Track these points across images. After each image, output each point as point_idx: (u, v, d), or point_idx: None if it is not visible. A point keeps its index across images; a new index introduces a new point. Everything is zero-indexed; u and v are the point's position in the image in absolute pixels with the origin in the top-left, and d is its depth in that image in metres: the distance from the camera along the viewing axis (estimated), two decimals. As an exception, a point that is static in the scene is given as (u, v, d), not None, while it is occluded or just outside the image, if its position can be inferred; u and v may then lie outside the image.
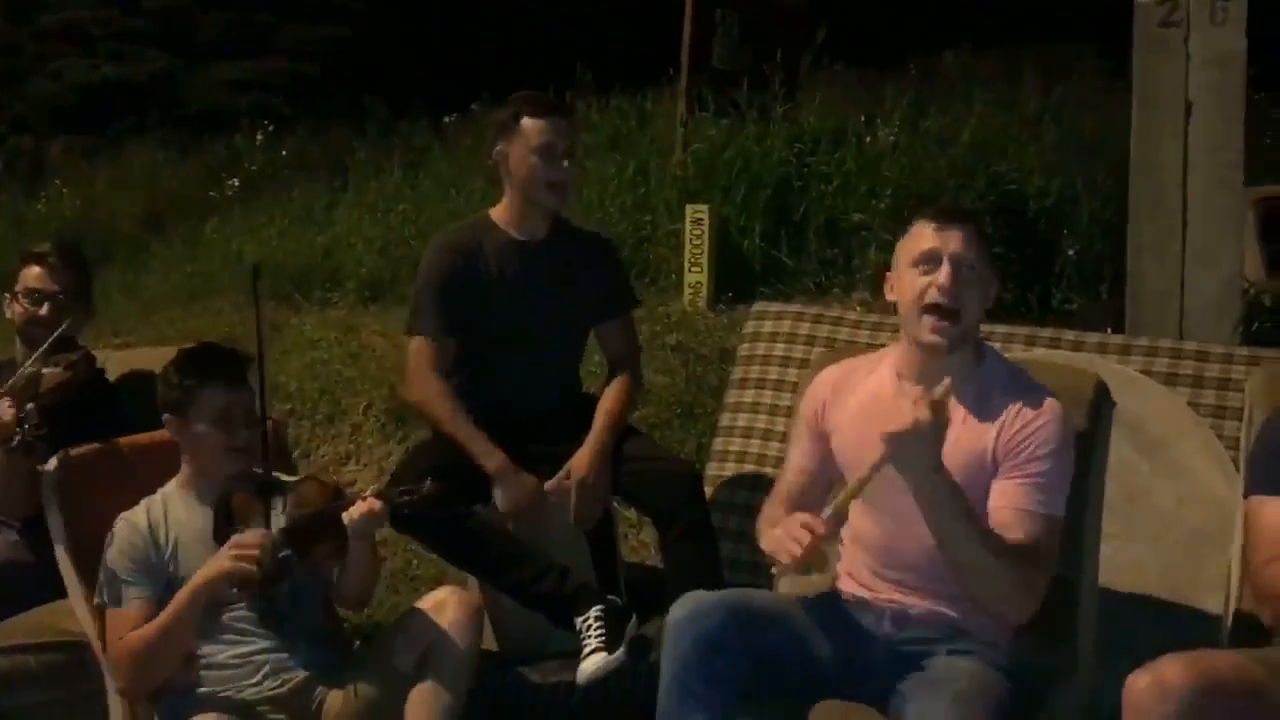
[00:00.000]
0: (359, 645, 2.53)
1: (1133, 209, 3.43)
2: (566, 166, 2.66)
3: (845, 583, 2.10)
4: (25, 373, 2.50)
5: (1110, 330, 3.38)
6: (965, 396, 1.98)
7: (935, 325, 1.96)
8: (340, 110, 8.19)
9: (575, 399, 2.84)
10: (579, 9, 8.22)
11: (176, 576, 2.24)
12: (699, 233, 4.93)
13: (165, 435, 2.38)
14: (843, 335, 3.21)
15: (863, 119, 5.42)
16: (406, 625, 2.28)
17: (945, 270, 1.95)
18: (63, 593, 2.45)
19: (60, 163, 9.71)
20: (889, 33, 7.34)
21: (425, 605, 2.28)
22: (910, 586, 2.00)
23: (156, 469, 2.39)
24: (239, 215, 7.44)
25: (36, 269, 2.81)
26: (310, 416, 4.59)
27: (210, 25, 10.22)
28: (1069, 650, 2.11)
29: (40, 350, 2.61)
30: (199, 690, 2.23)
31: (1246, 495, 1.93)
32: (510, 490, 2.59)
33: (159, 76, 10.21)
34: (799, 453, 2.16)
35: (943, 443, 1.83)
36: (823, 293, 4.84)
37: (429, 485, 2.20)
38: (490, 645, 2.64)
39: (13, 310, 2.84)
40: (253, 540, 2.16)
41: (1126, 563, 2.53)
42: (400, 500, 2.21)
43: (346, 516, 2.18)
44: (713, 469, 3.19)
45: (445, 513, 2.47)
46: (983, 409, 1.97)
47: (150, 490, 2.36)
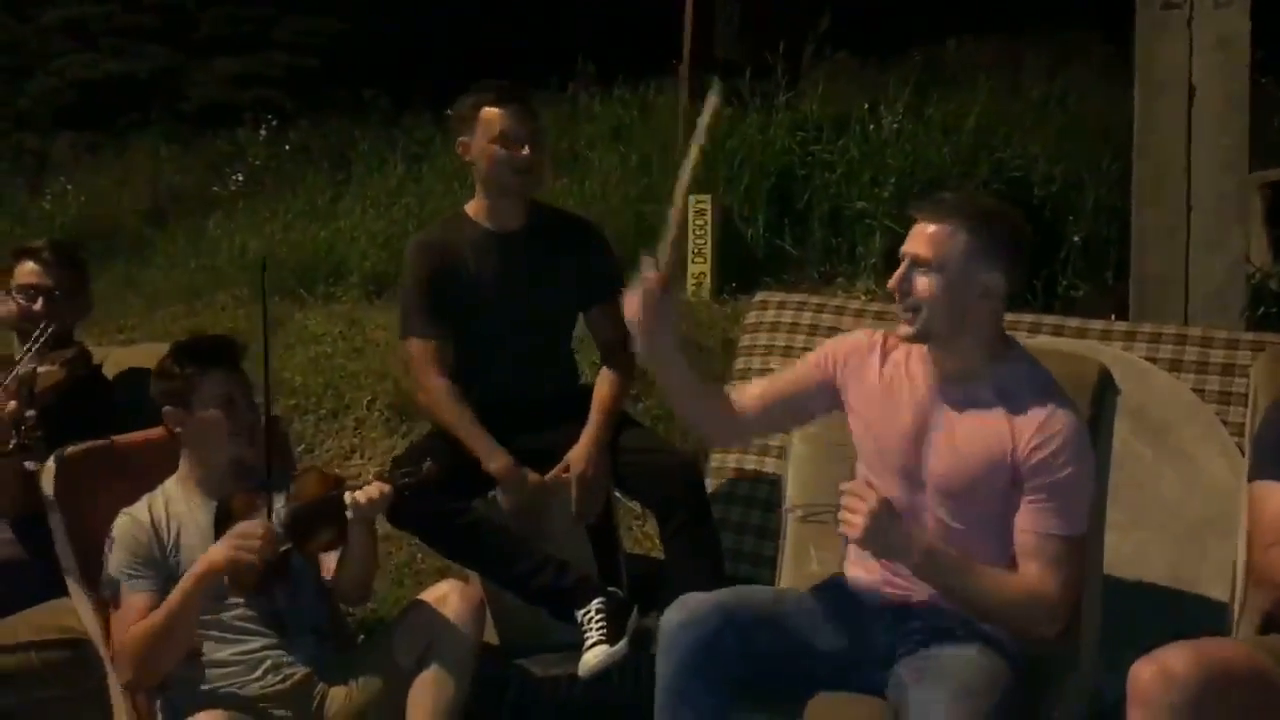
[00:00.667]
0: (362, 639, 2.52)
1: (1136, 194, 3.40)
2: (528, 152, 2.64)
3: (852, 569, 2.09)
4: (20, 372, 2.49)
5: (1114, 317, 3.36)
6: (977, 396, 1.96)
7: (900, 316, 1.98)
8: (342, 104, 8.18)
9: (570, 386, 2.83)
10: (579, 1, 8.21)
11: (179, 571, 2.23)
12: (702, 223, 4.91)
13: (163, 432, 2.38)
14: (845, 325, 3.18)
15: (866, 107, 5.39)
16: (408, 619, 2.28)
17: (900, 268, 1.96)
18: (60, 590, 2.45)
19: (64, 159, 9.72)
20: (892, 20, 7.30)
21: (427, 599, 2.28)
22: (912, 575, 1.98)
23: (155, 466, 2.39)
24: (242, 210, 7.43)
25: (30, 265, 2.80)
26: (314, 411, 4.58)
27: (211, 20, 10.22)
28: (1073, 640, 2.09)
29: (32, 347, 2.60)
30: (201, 688, 2.23)
31: (1250, 480, 1.92)
32: (514, 491, 2.59)
33: (160, 72, 10.21)
34: (800, 368, 2.13)
35: (896, 535, 1.87)
36: (826, 281, 4.82)
37: (429, 466, 2.21)
38: (492, 638, 2.64)
39: (7, 307, 2.83)
40: (253, 530, 2.16)
41: (1131, 551, 2.51)
42: (402, 482, 2.21)
43: (350, 499, 2.17)
44: (715, 460, 3.18)
45: (445, 499, 2.47)
46: (999, 411, 1.94)
47: (150, 487, 2.35)
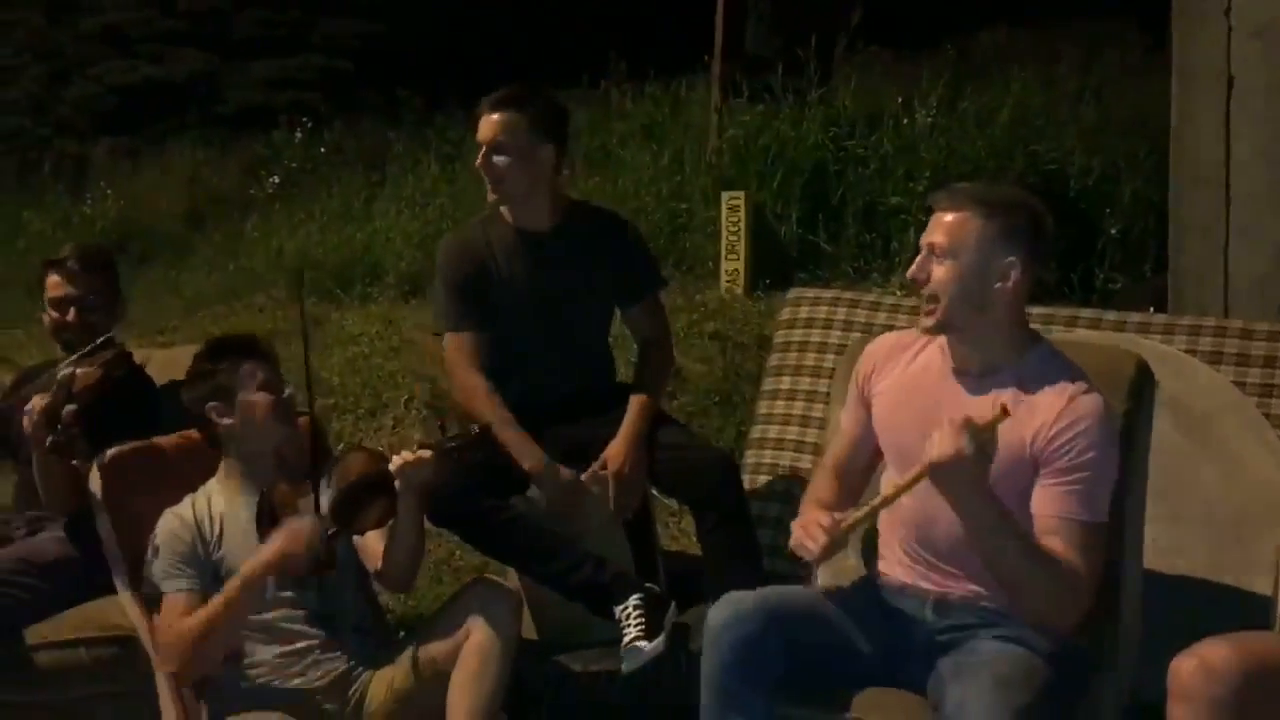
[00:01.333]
0: (401, 635, 2.55)
1: (1174, 185, 3.36)
2: (486, 159, 2.69)
3: (885, 565, 2.08)
4: (59, 375, 2.53)
5: (1153, 309, 3.33)
6: (1003, 384, 1.96)
7: (922, 308, 1.98)
8: (375, 105, 8.24)
9: (606, 383, 2.85)
10: (611, -1, 8.24)
11: (222, 568, 2.27)
12: (735, 220, 4.91)
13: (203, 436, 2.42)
14: (880, 320, 3.17)
15: (899, 101, 5.36)
16: (447, 614, 2.30)
17: (918, 260, 1.96)
18: (109, 588, 2.50)
19: (103, 164, 9.86)
20: (925, 13, 7.26)
21: (465, 595, 2.30)
22: (951, 571, 1.98)
23: (198, 465, 2.42)
24: (279, 212, 7.51)
25: (55, 277, 2.84)
26: (353, 410, 4.63)
27: (245, 24, 10.33)
28: (1113, 635, 2.08)
29: (75, 355, 2.62)
30: (243, 685, 2.27)
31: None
32: (551, 489, 2.61)
33: (197, 76, 10.33)
34: (847, 418, 2.16)
35: (988, 468, 1.81)
36: (861, 277, 4.80)
37: (474, 429, 2.22)
38: (530, 634, 2.66)
39: (44, 319, 2.88)
40: (298, 526, 2.19)
41: (1171, 545, 2.48)
42: (449, 446, 2.22)
43: (396, 467, 2.19)
44: (751, 456, 3.18)
45: (484, 497, 2.50)
46: (1022, 401, 1.92)
47: (193, 486, 2.39)
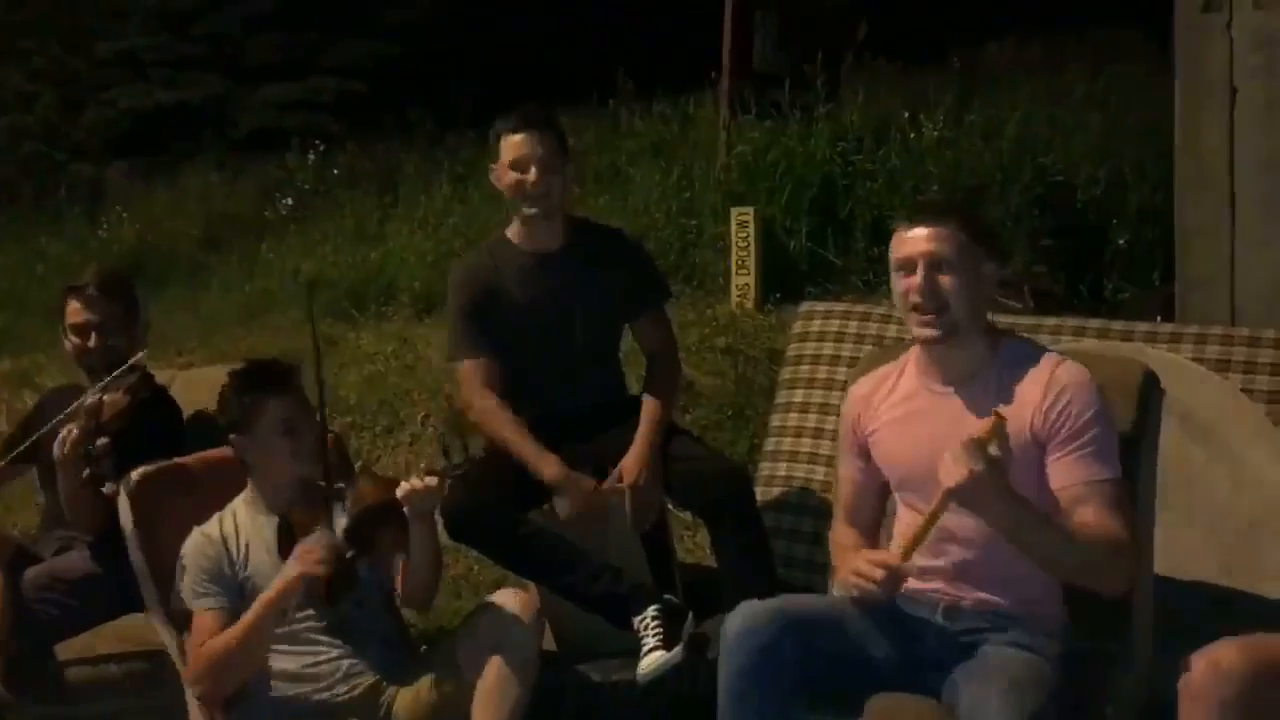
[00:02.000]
0: (424, 649, 2.59)
1: (1179, 195, 3.41)
2: (540, 176, 2.71)
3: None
4: (86, 403, 2.57)
5: (1160, 318, 3.37)
6: (987, 384, 2.02)
7: (921, 320, 2.03)
8: (388, 127, 8.30)
9: (618, 396, 2.88)
10: (619, 16, 8.27)
11: (249, 586, 2.32)
12: (745, 235, 4.95)
13: (228, 453, 2.47)
14: (891, 332, 3.21)
15: (906, 115, 5.41)
16: (471, 627, 2.34)
17: (919, 272, 2.02)
18: (137, 605, 2.55)
19: (119, 188, 9.94)
20: (931, 26, 7.30)
21: (487, 608, 2.34)
22: (961, 577, 2.02)
23: (224, 484, 2.48)
24: (294, 233, 7.58)
25: (75, 303, 2.87)
26: (370, 428, 4.68)
27: (258, 47, 10.41)
28: (1125, 639, 2.11)
29: (102, 382, 2.65)
30: (271, 696, 2.31)
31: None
32: (570, 497, 2.64)
33: (210, 99, 10.41)
34: (846, 467, 2.22)
35: (1005, 475, 1.85)
36: (871, 290, 4.83)
37: (477, 455, 2.25)
38: (550, 646, 2.69)
39: (66, 345, 2.91)
40: (316, 546, 2.23)
41: (1182, 551, 2.51)
42: (455, 473, 2.25)
43: (402, 493, 2.21)
44: (765, 469, 3.22)
45: (503, 512, 2.54)
46: (1007, 393, 1.99)
47: (219, 505, 2.44)
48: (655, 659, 2.45)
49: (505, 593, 2.38)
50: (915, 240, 2.04)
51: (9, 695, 2.51)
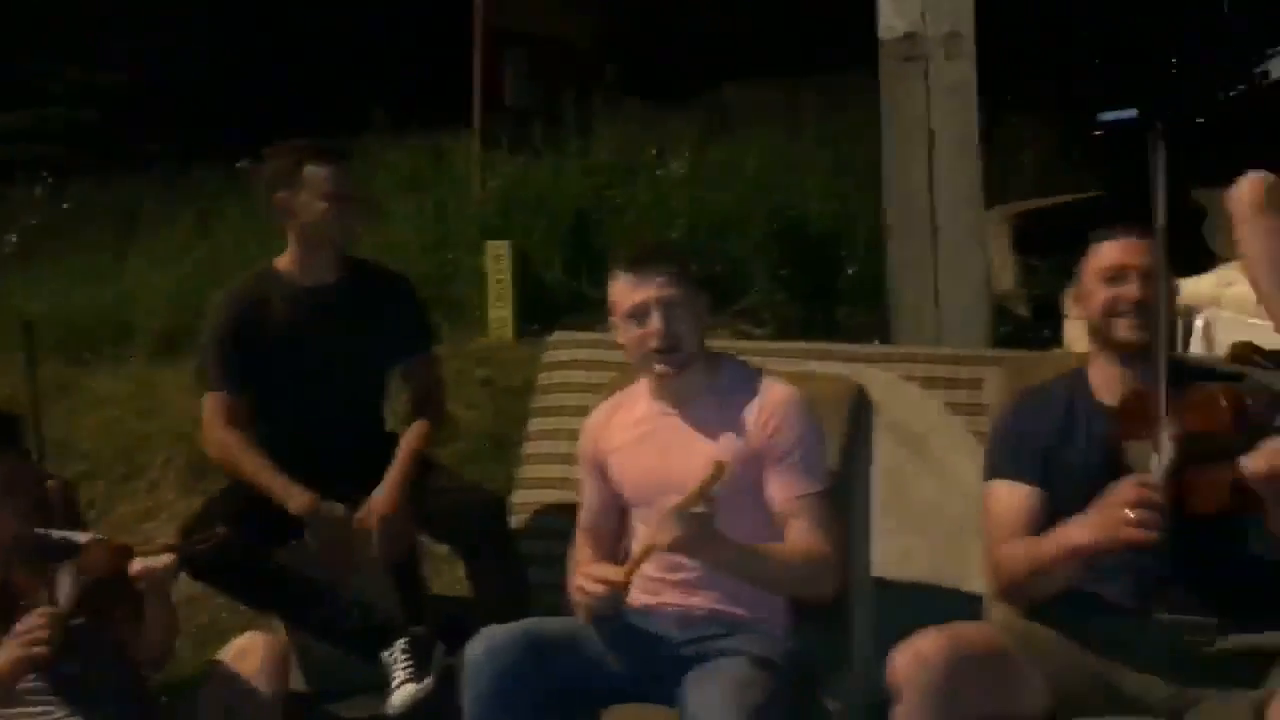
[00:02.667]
0: (164, 700, 2.48)
1: (890, 230, 3.73)
2: (349, 208, 2.76)
3: (632, 594, 2.19)
4: None
5: (879, 341, 3.66)
6: (709, 405, 2.19)
7: (662, 360, 2.16)
8: (125, 158, 7.89)
9: (379, 439, 2.86)
10: (369, 51, 8.19)
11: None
12: (500, 268, 5.01)
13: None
14: (638, 360, 3.33)
15: (654, 152, 5.62)
16: (210, 678, 2.26)
17: (655, 319, 2.13)
18: None
19: None
20: (676, 67, 7.60)
21: (228, 655, 2.27)
22: (694, 586, 2.14)
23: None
24: (19, 272, 7.08)
25: None
26: (106, 475, 4.42)
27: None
28: (845, 639, 2.29)
29: None
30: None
31: (985, 480, 2.15)
32: (320, 525, 2.60)
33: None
34: (587, 491, 2.33)
35: (712, 522, 2.01)
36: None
37: (220, 531, 2.21)
38: (300, 686, 2.64)
39: None
40: (38, 622, 2.11)
41: (898, 554, 2.73)
42: (194, 550, 2.21)
43: (136, 569, 2.15)
44: (519, 496, 3.25)
45: (240, 558, 2.47)
46: (726, 414, 2.17)
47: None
48: (406, 691, 2.45)
49: (247, 637, 2.31)
50: (646, 288, 2.15)
51: None
